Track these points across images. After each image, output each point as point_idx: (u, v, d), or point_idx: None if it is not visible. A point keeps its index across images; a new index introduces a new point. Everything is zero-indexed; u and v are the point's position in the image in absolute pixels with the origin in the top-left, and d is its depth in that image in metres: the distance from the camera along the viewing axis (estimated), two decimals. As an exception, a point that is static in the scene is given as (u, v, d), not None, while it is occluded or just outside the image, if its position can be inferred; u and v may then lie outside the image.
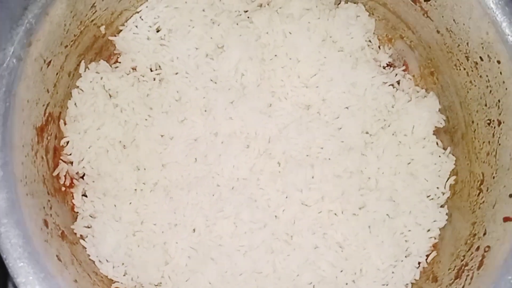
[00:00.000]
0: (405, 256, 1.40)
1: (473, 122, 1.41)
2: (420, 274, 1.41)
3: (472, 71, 1.38)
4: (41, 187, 1.24)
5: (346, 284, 1.37)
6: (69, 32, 1.32)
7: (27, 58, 1.17)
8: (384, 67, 1.56)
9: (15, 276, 1.04)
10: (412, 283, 1.40)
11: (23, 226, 1.07)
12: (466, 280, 1.26)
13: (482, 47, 1.32)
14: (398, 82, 1.54)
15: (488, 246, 1.25)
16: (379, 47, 1.58)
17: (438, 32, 1.44)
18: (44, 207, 1.21)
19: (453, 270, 1.32)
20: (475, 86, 1.38)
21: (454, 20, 1.37)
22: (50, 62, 1.27)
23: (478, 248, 1.28)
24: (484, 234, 1.28)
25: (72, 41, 1.34)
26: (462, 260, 1.31)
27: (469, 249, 1.31)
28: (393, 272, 1.39)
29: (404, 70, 1.57)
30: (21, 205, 1.09)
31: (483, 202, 1.33)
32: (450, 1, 1.35)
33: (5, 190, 1.07)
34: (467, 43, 1.36)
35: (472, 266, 1.27)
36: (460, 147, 1.46)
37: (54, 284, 1.08)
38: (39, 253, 1.08)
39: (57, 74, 1.32)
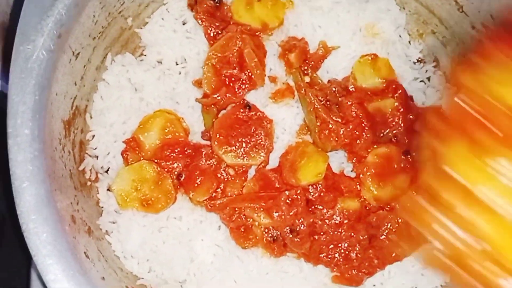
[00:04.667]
0: (435, 258, 1.37)
1: (509, 122, 1.37)
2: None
3: (509, 69, 1.34)
4: (68, 182, 1.22)
5: (374, 285, 1.34)
6: (97, 24, 1.30)
7: (56, 50, 1.14)
8: (414, 63, 1.53)
9: (44, 273, 1.02)
10: (442, 286, 1.37)
11: (52, 222, 1.06)
12: (501, 284, 1.23)
13: (521, 44, 1.28)
14: (429, 79, 1.51)
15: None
16: (409, 42, 1.54)
17: (473, 27, 1.39)
18: (71, 203, 1.20)
19: (487, 273, 1.29)
20: (512, 85, 1.34)
21: (491, 15, 1.33)
22: (78, 54, 1.25)
23: (514, 249, 1.24)
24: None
25: (100, 32, 1.32)
26: (496, 263, 1.28)
27: (503, 252, 1.27)
28: (422, 275, 1.36)
29: (434, 67, 1.53)
30: (50, 201, 1.07)
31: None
32: (488, -5, 1.31)
33: (34, 186, 1.05)
34: (505, 40, 1.32)
35: (508, 269, 1.23)
36: (496, 148, 1.41)
37: (83, 282, 1.06)
38: (68, 250, 1.06)
39: (84, 66, 1.30)
